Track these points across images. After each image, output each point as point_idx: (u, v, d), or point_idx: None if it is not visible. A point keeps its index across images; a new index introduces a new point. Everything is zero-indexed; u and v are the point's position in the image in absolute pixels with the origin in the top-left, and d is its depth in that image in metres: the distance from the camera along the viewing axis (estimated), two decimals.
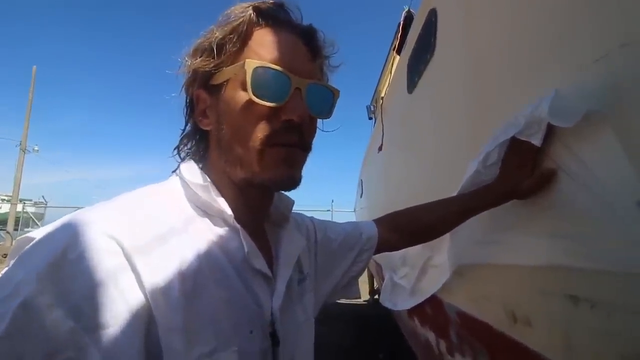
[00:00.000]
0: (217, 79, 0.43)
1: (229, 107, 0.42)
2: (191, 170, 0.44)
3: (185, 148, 0.49)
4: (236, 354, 0.37)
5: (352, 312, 5.06)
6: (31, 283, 0.28)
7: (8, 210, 12.81)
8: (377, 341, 3.65)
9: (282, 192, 0.52)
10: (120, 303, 0.30)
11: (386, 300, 1.80)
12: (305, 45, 0.45)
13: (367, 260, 0.67)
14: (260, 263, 0.43)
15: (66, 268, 0.29)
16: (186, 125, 0.49)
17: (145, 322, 0.31)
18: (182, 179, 0.44)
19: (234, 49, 0.42)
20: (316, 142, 0.48)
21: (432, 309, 1.35)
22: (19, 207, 13.01)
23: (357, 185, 4.62)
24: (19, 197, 12.87)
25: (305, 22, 0.47)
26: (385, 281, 1.93)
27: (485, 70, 0.87)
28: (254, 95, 0.40)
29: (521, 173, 0.61)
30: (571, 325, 0.56)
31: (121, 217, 0.35)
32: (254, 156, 0.41)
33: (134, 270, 0.32)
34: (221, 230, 0.42)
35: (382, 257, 2.21)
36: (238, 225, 0.42)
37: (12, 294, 0.28)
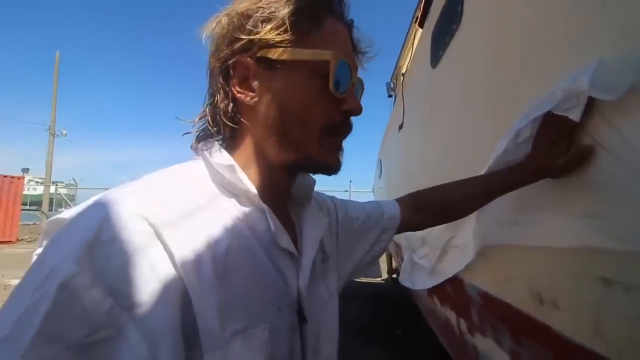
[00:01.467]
0: (281, 55, 0.40)
1: (293, 88, 0.41)
2: (215, 151, 0.44)
3: (211, 121, 0.45)
4: (267, 330, 0.37)
5: (369, 290, 5.14)
6: (68, 264, 0.28)
7: (42, 192, 13.57)
8: (395, 319, 3.71)
9: (310, 173, 0.51)
10: (154, 280, 0.31)
11: (405, 280, 1.81)
12: (350, 38, 0.46)
13: (389, 239, 0.66)
14: (286, 242, 0.43)
15: (100, 249, 0.30)
16: (217, 95, 0.44)
17: (180, 298, 0.32)
18: (205, 159, 0.44)
19: (307, 30, 0.41)
20: None
21: (452, 289, 1.35)
22: (52, 189, 13.74)
23: (376, 165, 4.57)
24: (52, 180, 13.56)
25: None
26: (404, 261, 1.93)
27: (517, 41, 0.81)
28: (335, 87, 0.41)
29: (555, 150, 0.57)
30: (602, 309, 0.54)
31: (149, 195, 0.35)
32: (315, 141, 0.43)
33: (165, 247, 0.33)
34: (247, 210, 0.42)
35: (401, 237, 2.20)
36: (264, 205, 0.42)
37: (50, 275, 0.28)
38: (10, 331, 0.26)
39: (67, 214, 0.35)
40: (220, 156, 0.43)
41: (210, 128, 0.45)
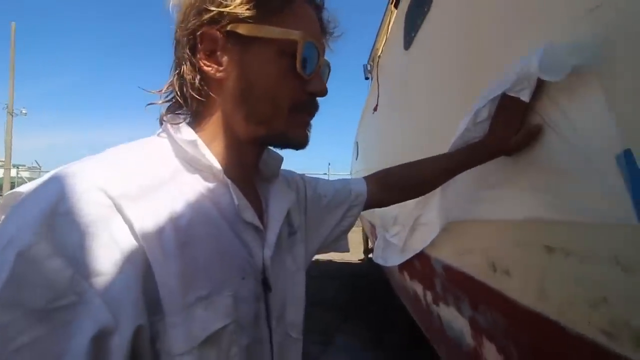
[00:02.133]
0: (251, 31, 0.40)
1: (261, 65, 0.41)
2: (180, 127, 0.44)
3: (179, 92, 0.44)
4: (231, 298, 0.39)
5: (347, 270, 5.30)
6: (26, 234, 0.28)
7: (2, 176, 12.75)
8: (370, 296, 3.87)
9: (273, 149, 0.52)
10: (114, 249, 0.31)
11: (378, 258, 1.88)
12: (318, 21, 0.47)
13: (356, 215, 0.69)
14: (250, 216, 0.44)
15: (59, 220, 0.30)
16: (183, 67, 0.43)
17: (141, 267, 0.33)
18: (168, 134, 0.44)
19: (277, 7, 0.40)
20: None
21: (420, 264, 1.42)
22: (13, 172, 12.93)
23: (353, 148, 4.61)
24: (12, 162, 12.73)
25: None
26: (377, 240, 2.00)
27: (485, 22, 0.84)
28: (302, 68, 0.41)
29: (509, 129, 0.61)
30: (545, 274, 0.60)
31: (109, 168, 0.35)
32: (283, 117, 0.43)
33: (125, 218, 0.33)
34: (211, 185, 0.43)
35: (376, 218, 2.27)
36: (228, 180, 0.43)
37: (8, 245, 0.28)
38: None
39: (24, 187, 0.35)
40: (184, 131, 0.43)
41: (178, 99, 0.44)
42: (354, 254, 5.83)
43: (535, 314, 0.63)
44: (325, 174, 11.95)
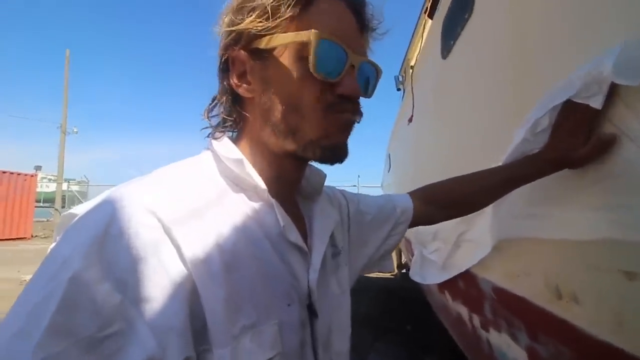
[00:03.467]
0: (268, 43, 0.40)
1: (282, 75, 0.40)
2: (223, 144, 0.44)
3: (217, 115, 0.46)
4: (277, 326, 0.37)
5: (379, 285, 5.14)
6: (78, 258, 0.28)
7: (55, 189, 13.87)
8: (404, 313, 3.71)
9: (316, 165, 0.50)
10: (162, 275, 0.31)
11: (416, 275, 1.80)
12: (355, 18, 0.43)
13: (402, 233, 0.65)
14: (295, 237, 0.42)
15: (109, 243, 0.30)
16: (221, 89, 0.45)
17: (188, 293, 0.32)
18: (214, 153, 0.43)
19: (291, 14, 0.39)
20: None
21: (464, 284, 1.33)
22: (64, 186, 14.02)
23: (385, 159, 4.53)
24: (64, 177, 13.84)
25: None
26: (415, 256, 1.91)
27: (532, 28, 0.79)
28: (315, 68, 0.38)
29: (575, 140, 0.55)
30: (625, 303, 0.52)
31: (158, 191, 0.35)
32: (314, 122, 0.40)
33: (174, 242, 0.32)
34: (256, 205, 0.42)
35: (411, 232, 2.19)
36: (273, 200, 0.42)
37: (61, 269, 0.28)
38: (23, 325, 0.26)
39: (79, 209, 0.35)
40: (229, 149, 0.43)
41: (226, 120, 0.46)
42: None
43: (609, 347, 0.55)
44: (355, 185, 11.83)
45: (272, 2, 0.38)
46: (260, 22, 0.39)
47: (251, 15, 0.39)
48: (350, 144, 0.45)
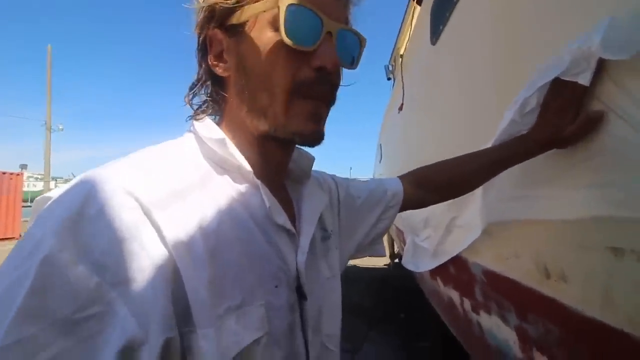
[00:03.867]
0: (239, 17, 0.38)
1: (253, 49, 0.38)
2: (205, 125, 0.42)
3: (197, 98, 0.45)
4: (263, 307, 0.36)
5: (372, 275, 5.20)
6: (51, 239, 0.27)
7: (42, 188, 13.58)
8: (397, 302, 3.76)
9: (303, 147, 0.49)
10: (143, 257, 0.30)
11: (408, 263, 1.81)
12: None
13: (392, 217, 0.65)
14: (282, 219, 0.42)
15: (85, 224, 0.28)
16: (199, 71, 0.44)
17: (170, 276, 0.31)
18: (196, 134, 0.42)
19: None
20: (332, 111, 0.44)
21: (455, 269, 1.34)
22: (52, 185, 13.74)
23: (376, 150, 4.54)
24: (51, 175, 13.55)
25: None
26: (407, 244, 1.93)
27: (520, 8, 0.78)
28: (286, 36, 0.36)
29: (562, 118, 0.55)
30: (613, 279, 0.53)
31: (136, 172, 0.34)
32: (281, 107, 0.38)
33: (154, 224, 0.31)
34: (241, 187, 0.40)
35: (403, 221, 2.20)
36: (258, 181, 0.41)
37: (33, 251, 0.27)
38: (1, 303, 0.25)
39: (54, 192, 0.33)
40: (211, 130, 0.41)
41: (207, 102, 0.45)
42: (379, 259, 5.72)
43: (598, 324, 0.56)
44: (347, 178, 11.84)
45: None
46: None
47: None
48: (343, 137, 0.43)
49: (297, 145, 0.46)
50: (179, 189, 0.35)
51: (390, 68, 3.12)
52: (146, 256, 0.30)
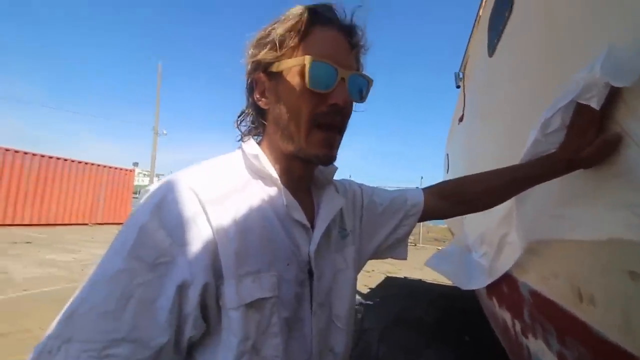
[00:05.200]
0: (278, 67, 0.52)
1: (287, 91, 0.52)
2: (249, 144, 0.57)
3: (244, 123, 0.60)
4: (275, 277, 0.49)
5: (437, 291, 4.96)
6: (146, 215, 0.44)
7: (148, 183, 16.04)
8: (463, 324, 3.53)
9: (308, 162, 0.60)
10: (196, 233, 0.45)
11: (462, 281, 1.75)
12: (347, 40, 0.53)
13: (412, 224, 0.71)
14: (299, 215, 0.53)
15: (165, 208, 0.45)
16: (248, 103, 0.59)
17: (211, 246, 0.46)
18: (242, 150, 0.57)
19: (293, 44, 0.51)
20: (404, 116, 0.55)
21: (508, 288, 1.29)
22: (156, 180, 16.17)
23: (444, 160, 4.36)
24: (155, 172, 15.98)
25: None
26: (463, 264, 1.86)
27: (569, 22, 0.77)
28: (310, 84, 0.49)
29: (583, 140, 0.56)
30: (630, 303, 0.52)
31: (200, 176, 0.50)
32: (303, 135, 0.51)
33: (206, 213, 0.47)
34: (270, 190, 0.54)
35: (464, 238, 2.11)
36: (282, 186, 0.53)
37: (136, 222, 0.44)
38: (113, 253, 0.43)
39: (152, 187, 0.51)
40: (251, 147, 0.55)
41: (251, 128, 0.60)
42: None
43: (620, 350, 0.54)
44: (417, 187, 11.40)
45: (279, 37, 0.50)
46: (271, 53, 0.51)
47: (265, 48, 0.52)
48: (414, 147, 0.53)
49: None
50: (226, 190, 0.50)
51: (461, 76, 3.01)
52: (198, 232, 0.45)
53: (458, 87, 3.12)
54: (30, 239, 7.30)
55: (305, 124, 0.50)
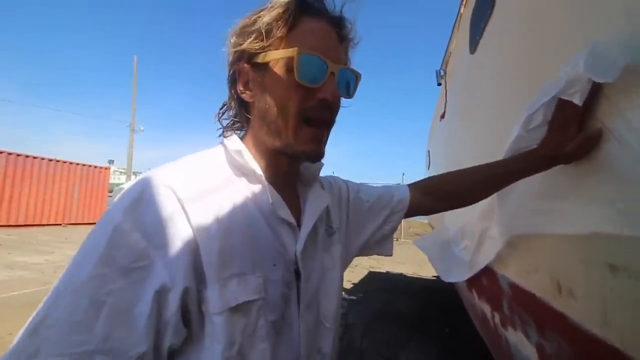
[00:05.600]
0: (264, 58, 0.49)
1: (273, 84, 0.49)
2: (231, 139, 0.54)
3: (225, 116, 0.57)
4: (261, 278, 0.46)
5: (418, 285, 5.06)
6: (119, 215, 0.40)
7: (124, 181, 15.55)
8: (443, 316, 3.62)
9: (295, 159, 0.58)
10: (175, 233, 0.42)
11: (444, 275, 1.78)
12: (336, 33, 0.51)
13: (398, 221, 0.71)
14: (285, 213, 0.51)
15: (140, 207, 0.41)
16: (229, 95, 0.55)
17: (192, 246, 0.43)
18: (224, 146, 0.54)
19: (280, 34, 0.48)
20: (385, 115, 0.53)
21: (487, 281, 1.32)
22: (132, 178, 15.65)
23: (425, 156, 4.43)
24: (132, 170, 15.45)
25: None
26: (444, 257, 1.89)
27: (549, 20, 0.78)
28: (299, 77, 0.46)
29: (564, 135, 0.57)
30: (608, 296, 0.53)
31: (178, 174, 0.46)
32: (291, 131, 0.49)
33: (185, 212, 0.43)
34: (254, 187, 0.51)
35: (445, 231, 2.15)
36: (267, 182, 0.51)
37: (109, 222, 0.40)
38: (82, 258, 0.40)
39: (126, 185, 0.47)
40: (234, 143, 0.53)
41: (234, 122, 0.57)
42: (428, 271, 5.52)
43: (599, 342, 0.56)
44: (399, 184, 11.59)
45: (265, 26, 0.47)
46: (257, 42, 0.48)
47: (250, 37, 0.49)
48: (395, 144, 0.51)
49: None
50: (207, 187, 0.47)
51: (442, 73, 3.06)
52: (177, 233, 0.42)
53: (439, 84, 3.16)
54: (0, 241, 6.91)
55: (294, 119, 0.48)
